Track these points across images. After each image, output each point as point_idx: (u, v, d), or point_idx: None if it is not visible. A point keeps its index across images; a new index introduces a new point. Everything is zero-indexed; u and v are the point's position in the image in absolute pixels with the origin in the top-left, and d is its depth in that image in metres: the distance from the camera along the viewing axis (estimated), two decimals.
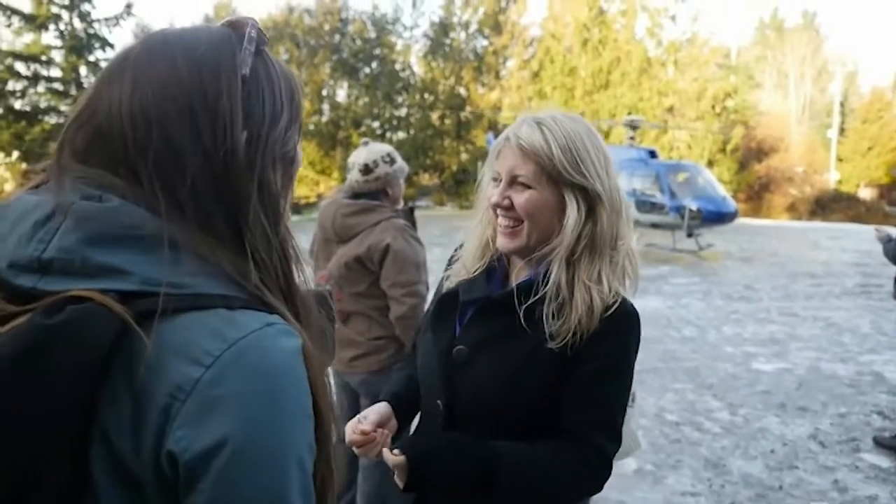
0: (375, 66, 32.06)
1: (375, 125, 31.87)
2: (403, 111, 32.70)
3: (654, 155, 16.88)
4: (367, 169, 2.62)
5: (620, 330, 1.22)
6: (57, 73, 23.07)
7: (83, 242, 0.59)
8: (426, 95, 32.47)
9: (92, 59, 22.97)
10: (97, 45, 23.12)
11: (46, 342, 0.54)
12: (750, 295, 10.23)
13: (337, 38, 31.56)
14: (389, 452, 1.17)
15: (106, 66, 0.69)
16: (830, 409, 5.08)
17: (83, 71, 22.81)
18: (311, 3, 31.55)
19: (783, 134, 34.07)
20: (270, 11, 31.12)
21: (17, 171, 23.00)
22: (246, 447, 0.56)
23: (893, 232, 4.44)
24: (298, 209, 24.30)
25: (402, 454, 1.15)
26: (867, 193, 34.24)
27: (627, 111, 28.14)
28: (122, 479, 0.57)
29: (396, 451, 1.16)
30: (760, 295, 10.23)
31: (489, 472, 1.14)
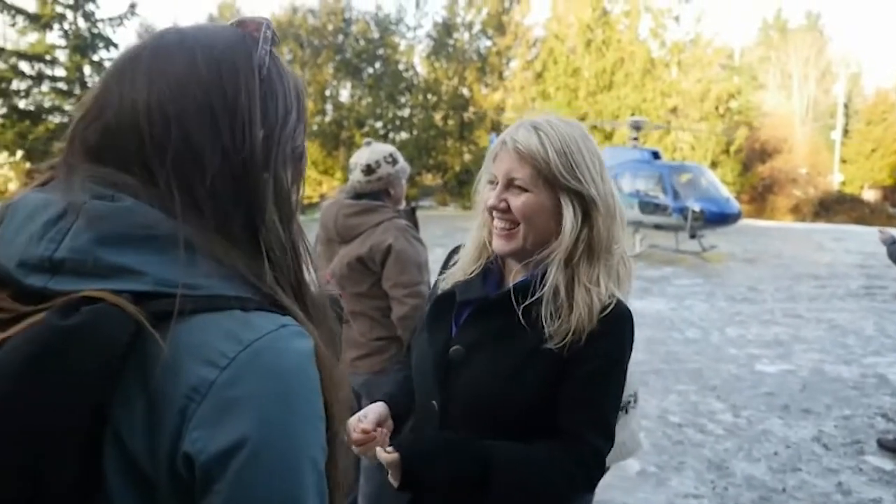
0: (379, 66, 32.08)
1: (378, 125, 31.89)
2: (406, 111, 32.71)
3: (657, 156, 16.85)
4: (369, 169, 2.61)
5: (616, 330, 1.24)
6: (61, 72, 23.13)
7: (96, 242, 0.58)
8: (429, 96, 32.48)
9: (96, 58, 23.03)
10: (101, 44, 23.18)
11: (62, 343, 0.53)
12: (753, 296, 10.21)
13: (340, 38, 31.58)
14: (383, 451, 1.17)
15: (114, 63, 0.68)
16: (834, 411, 5.06)
17: (87, 70, 22.87)
18: (314, 3, 31.61)
19: (787, 135, 34.00)
20: (274, 11, 31.13)
21: (20, 170, 23.07)
22: (262, 448, 0.56)
23: None
24: (302, 209, 24.24)
25: (395, 452, 1.16)
26: (871, 195, 34.18)
27: (631, 112, 28.10)
28: (134, 479, 0.56)
29: (390, 448, 1.17)
30: (764, 296, 10.21)
31: (483, 471, 1.15)
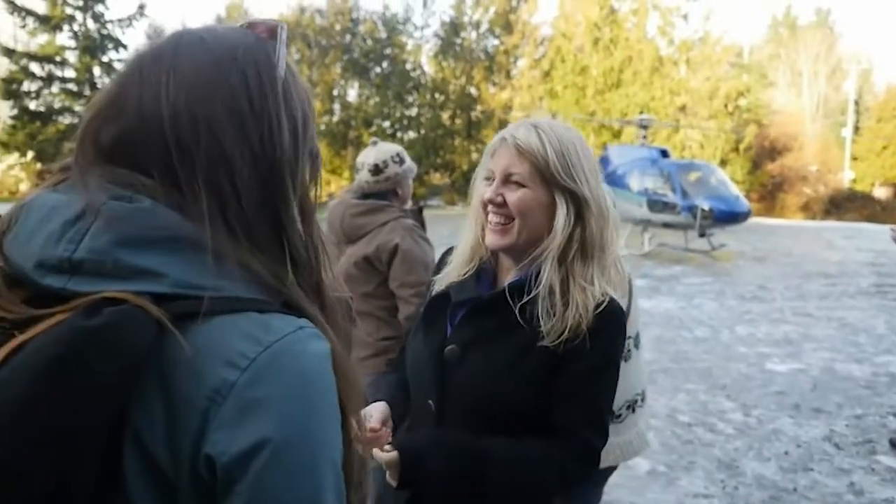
0: (386, 65, 32.11)
1: (386, 125, 31.92)
2: (414, 111, 32.72)
3: (665, 154, 16.79)
4: (377, 169, 2.61)
5: (610, 328, 1.27)
6: (71, 73, 23.29)
7: (115, 243, 0.58)
8: (437, 95, 32.49)
9: (105, 59, 23.18)
10: (110, 45, 23.33)
11: (87, 344, 0.53)
12: (763, 295, 10.16)
13: (348, 38, 31.63)
14: (380, 450, 1.19)
15: (131, 64, 0.67)
16: (846, 410, 5.03)
17: (97, 71, 23.03)
18: (322, 3, 31.66)
19: (797, 133, 33.79)
20: (282, 12, 31.21)
21: (31, 170, 23.25)
22: (283, 449, 0.56)
23: None
24: None
25: (393, 451, 1.18)
26: (882, 192, 33.91)
27: (639, 110, 27.99)
28: (155, 480, 0.56)
29: (388, 447, 1.19)
30: (774, 295, 10.15)
31: (480, 468, 1.18)
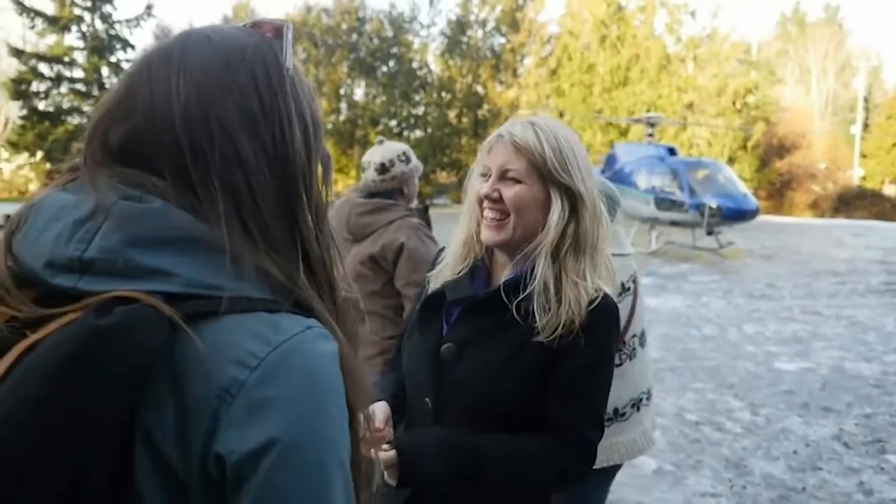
0: (393, 64, 32.13)
1: (393, 124, 31.95)
2: (421, 109, 32.74)
3: (673, 152, 16.73)
4: (383, 168, 2.60)
5: (603, 324, 1.28)
6: (79, 73, 23.42)
7: (126, 243, 0.58)
8: (443, 94, 32.48)
9: (113, 59, 23.30)
10: (118, 45, 23.45)
11: (99, 343, 0.53)
12: (772, 293, 10.11)
13: (354, 37, 31.67)
14: (378, 450, 1.19)
15: (139, 64, 0.67)
16: (855, 409, 5.00)
17: (105, 72, 23.14)
18: (328, 2, 31.71)
19: (805, 130, 33.60)
20: (288, 11, 31.27)
21: (41, 170, 23.40)
22: (292, 448, 0.56)
23: None
24: None
25: (392, 450, 1.19)
26: (892, 190, 33.67)
27: (646, 108, 27.91)
28: (166, 479, 0.56)
29: (386, 446, 1.19)
30: (782, 293, 10.11)
31: (476, 464, 1.19)
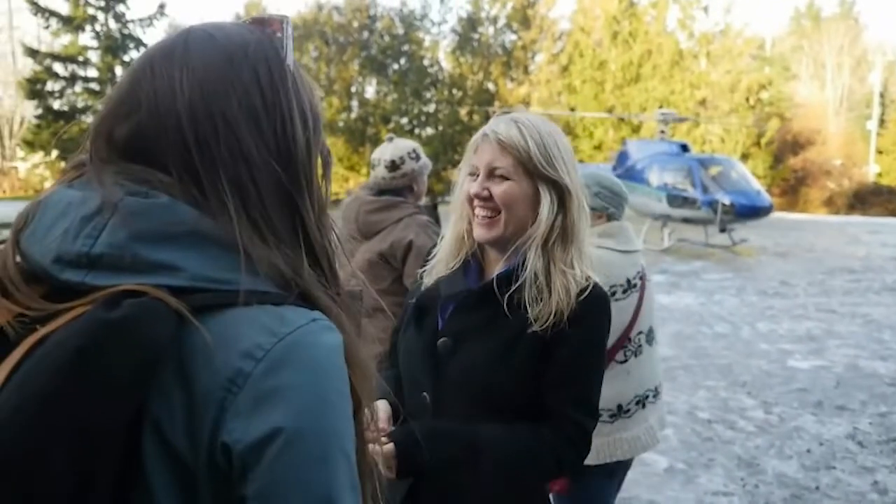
0: (404, 62, 32.09)
1: (404, 121, 31.92)
2: (432, 107, 32.67)
3: (685, 149, 16.62)
4: (393, 165, 2.61)
5: (593, 312, 1.31)
6: (93, 73, 23.63)
7: (133, 239, 0.59)
8: (454, 91, 32.41)
9: (127, 59, 23.49)
10: (132, 45, 23.63)
11: (108, 336, 0.54)
12: (785, 291, 10.03)
13: (365, 34, 31.65)
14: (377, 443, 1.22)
15: (142, 60, 0.68)
16: (870, 407, 4.95)
17: (119, 71, 23.33)
18: (339, 0, 31.73)
19: (820, 126, 33.25)
20: (300, 9, 31.30)
21: (56, 169, 23.63)
22: (297, 438, 0.57)
23: None
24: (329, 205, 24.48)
25: (389, 443, 1.22)
26: None
27: (658, 105, 27.72)
28: (175, 470, 0.57)
29: (384, 439, 1.23)
30: (796, 291, 10.02)
31: (471, 452, 1.22)
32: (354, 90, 32.39)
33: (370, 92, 33.00)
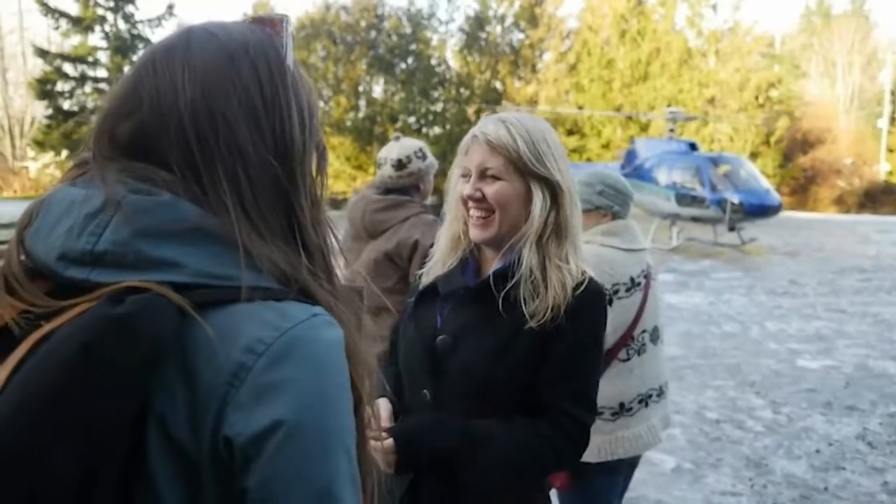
0: (411, 61, 32.09)
1: (412, 120, 31.92)
2: (439, 106, 32.66)
3: (694, 147, 16.56)
4: (400, 164, 2.61)
5: (591, 306, 1.32)
6: (103, 73, 23.78)
7: (136, 236, 0.59)
8: (462, 90, 32.38)
9: (136, 59, 23.64)
10: (141, 45, 23.76)
11: (112, 332, 0.55)
12: (795, 290, 9.98)
13: (373, 34, 31.67)
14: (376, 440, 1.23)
15: (143, 60, 0.68)
16: (880, 408, 4.92)
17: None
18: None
19: (830, 124, 33.03)
20: (307, 9, 31.40)
21: (66, 169, 23.85)
22: (297, 431, 0.58)
23: None
24: (336, 204, 24.60)
25: (388, 438, 1.23)
26: None
27: (667, 103, 27.61)
28: (178, 463, 0.58)
29: (383, 435, 1.24)
30: (806, 290, 9.97)
31: (472, 448, 1.23)
32: (362, 89, 32.42)
33: (378, 91, 33.02)
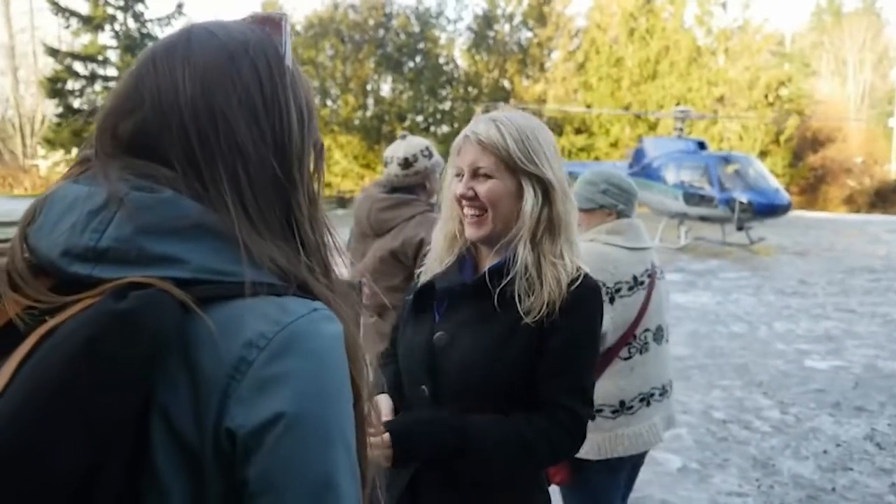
0: (419, 60, 32.11)
1: (419, 119, 31.95)
2: (447, 105, 32.67)
3: (703, 146, 16.49)
4: (406, 163, 2.61)
5: (586, 301, 1.33)
6: (113, 72, 23.93)
7: (139, 232, 0.60)
8: (470, 89, 32.37)
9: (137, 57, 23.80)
10: (150, 44, 23.91)
11: (116, 327, 0.55)
12: (804, 290, 9.92)
13: (381, 32, 31.71)
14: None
15: (143, 58, 0.69)
16: (888, 409, 4.89)
17: None
18: None
19: (841, 123, 32.80)
20: (316, 7, 31.50)
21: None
22: (297, 423, 0.59)
23: None
24: (344, 203, 24.64)
25: (385, 432, 1.24)
26: None
27: (676, 102, 27.51)
28: (182, 456, 0.59)
29: (380, 429, 1.25)
30: (815, 290, 9.91)
31: (468, 442, 1.24)
32: (370, 88, 32.47)
33: (386, 90, 33.06)
